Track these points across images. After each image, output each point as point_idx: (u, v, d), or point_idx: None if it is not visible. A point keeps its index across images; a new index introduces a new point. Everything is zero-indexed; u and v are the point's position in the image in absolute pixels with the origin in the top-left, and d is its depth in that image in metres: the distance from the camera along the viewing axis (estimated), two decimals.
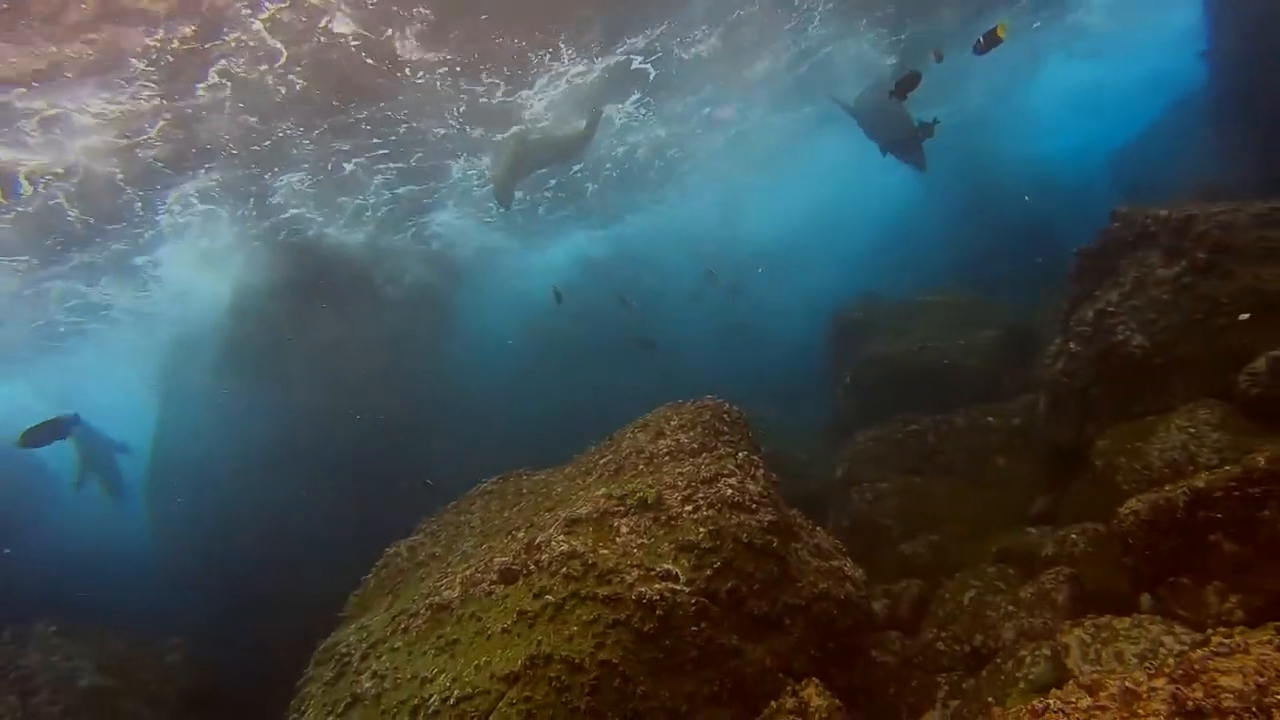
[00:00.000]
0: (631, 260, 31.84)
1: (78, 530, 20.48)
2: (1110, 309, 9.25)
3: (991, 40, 9.73)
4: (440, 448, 17.54)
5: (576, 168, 23.07)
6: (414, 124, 16.49)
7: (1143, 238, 9.39)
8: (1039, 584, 7.12)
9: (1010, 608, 7.06)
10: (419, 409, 18.78)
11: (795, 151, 27.48)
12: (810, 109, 23.83)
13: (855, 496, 11.53)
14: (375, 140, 16.78)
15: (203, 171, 15.78)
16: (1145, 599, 5.93)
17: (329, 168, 17.42)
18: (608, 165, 23.94)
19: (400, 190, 20.18)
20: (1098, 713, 3.52)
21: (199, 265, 19.55)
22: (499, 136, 18.22)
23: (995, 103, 30.47)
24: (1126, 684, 3.61)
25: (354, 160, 17.51)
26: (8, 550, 16.16)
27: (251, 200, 17.86)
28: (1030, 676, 5.71)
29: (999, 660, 6.23)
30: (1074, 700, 3.68)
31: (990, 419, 11.89)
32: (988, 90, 28.07)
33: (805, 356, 21.56)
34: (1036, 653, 5.89)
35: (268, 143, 15.22)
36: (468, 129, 17.52)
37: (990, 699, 5.78)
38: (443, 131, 17.30)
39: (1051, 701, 3.72)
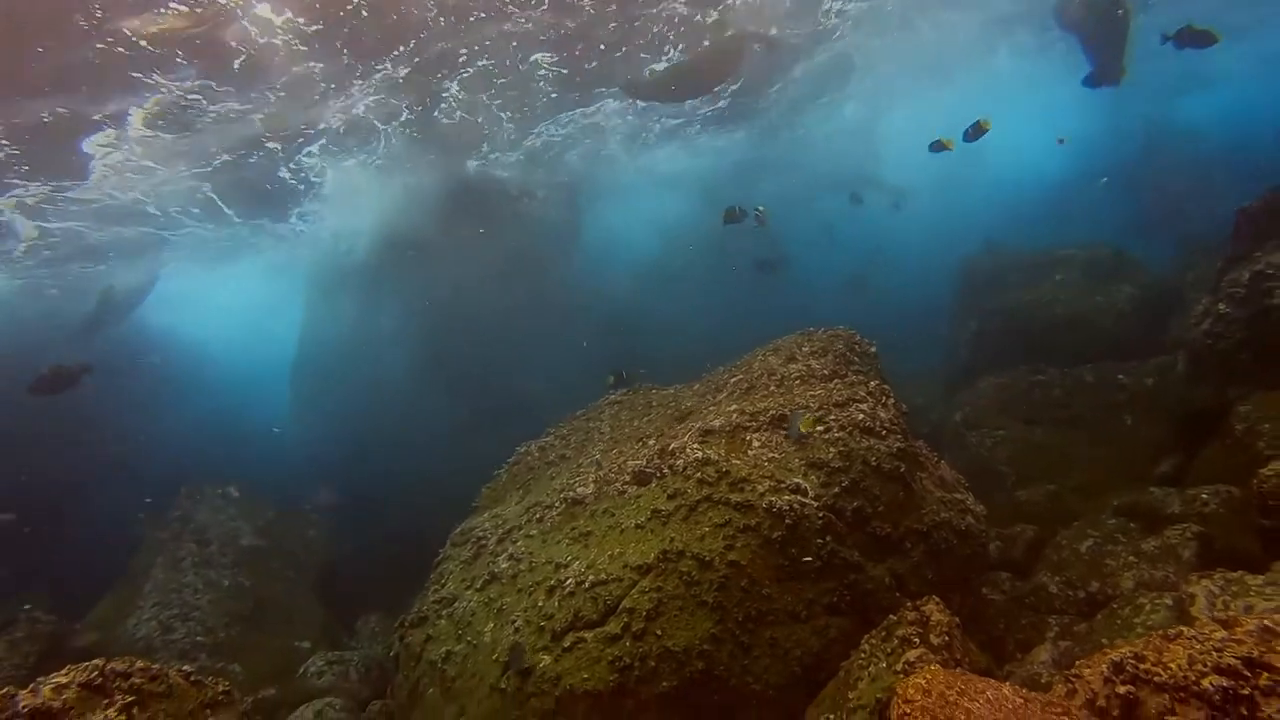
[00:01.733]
0: (760, 172, 30.41)
1: (223, 410, 22.58)
2: (1271, 271, 8.79)
3: (977, 131, 10.98)
4: (556, 359, 18.25)
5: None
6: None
7: None
8: (1163, 538, 7.08)
9: (1131, 558, 7.06)
10: (542, 321, 19.40)
11: (967, 64, 24.48)
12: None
13: (973, 441, 11.53)
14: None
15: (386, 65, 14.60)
16: None
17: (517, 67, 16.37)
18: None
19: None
20: (1233, 644, 3.60)
21: (354, 177, 19.88)
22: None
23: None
24: (1266, 622, 3.71)
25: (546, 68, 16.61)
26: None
27: (421, 102, 16.96)
28: (1149, 623, 5.75)
29: (1115, 606, 6.29)
30: (1208, 632, 3.79)
31: (1122, 377, 11.59)
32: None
33: (921, 300, 21.14)
34: (1157, 601, 5.93)
35: (472, 18, 13.83)
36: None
37: (1104, 641, 5.87)
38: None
39: (1184, 629, 3.83)
